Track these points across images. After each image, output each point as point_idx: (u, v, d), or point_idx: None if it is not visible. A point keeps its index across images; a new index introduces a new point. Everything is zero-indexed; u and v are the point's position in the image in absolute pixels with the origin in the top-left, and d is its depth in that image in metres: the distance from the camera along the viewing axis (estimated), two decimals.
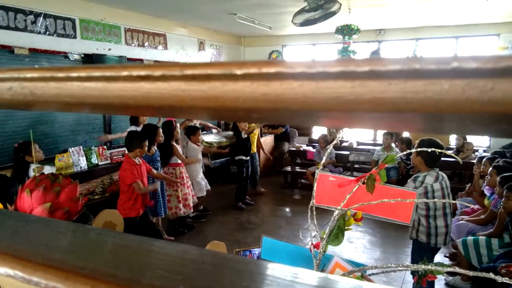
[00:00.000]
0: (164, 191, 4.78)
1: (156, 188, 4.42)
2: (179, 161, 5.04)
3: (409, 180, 3.35)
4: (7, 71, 0.32)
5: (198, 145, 5.56)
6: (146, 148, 4.14)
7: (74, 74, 0.28)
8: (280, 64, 0.22)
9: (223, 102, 0.24)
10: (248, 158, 6.36)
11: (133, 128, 5.13)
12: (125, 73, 0.26)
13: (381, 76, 0.20)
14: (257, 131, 6.81)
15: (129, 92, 0.27)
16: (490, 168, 4.16)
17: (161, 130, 4.66)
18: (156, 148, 4.65)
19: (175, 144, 4.97)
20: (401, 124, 0.26)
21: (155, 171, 4.38)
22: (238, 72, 0.23)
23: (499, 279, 0.78)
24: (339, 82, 0.21)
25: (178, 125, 5.20)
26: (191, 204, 5.13)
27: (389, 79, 0.20)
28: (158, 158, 4.68)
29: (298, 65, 0.21)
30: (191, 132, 5.49)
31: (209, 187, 5.82)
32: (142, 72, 0.26)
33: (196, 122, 6.21)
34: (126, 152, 4.14)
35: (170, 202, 4.94)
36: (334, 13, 5.17)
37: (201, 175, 5.64)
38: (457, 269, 0.93)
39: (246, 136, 6.21)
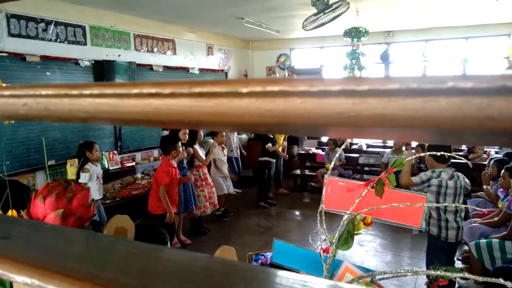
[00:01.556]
0: (194, 190, 5.01)
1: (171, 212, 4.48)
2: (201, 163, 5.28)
3: (425, 172, 3.36)
4: (23, 88, 0.33)
5: (222, 147, 5.75)
6: (180, 149, 4.42)
7: (87, 92, 0.29)
8: (283, 82, 0.23)
9: (229, 117, 0.25)
10: (274, 160, 6.58)
11: (165, 132, 5.35)
12: (135, 90, 0.27)
13: (381, 94, 0.20)
14: None
15: (140, 108, 0.28)
16: (503, 171, 4.12)
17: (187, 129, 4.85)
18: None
19: (196, 146, 5.15)
20: (403, 137, 0.26)
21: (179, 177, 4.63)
22: (244, 90, 0.23)
23: (509, 284, 0.77)
24: (340, 99, 0.21)
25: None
26: (216, 202, 5.38)
27: (389, 96, 0.20)
28: (185, 164, 4.88)
29: (301, 84, 0.22)
30: (214, 133, 5.69)
31: (231, 190, 6.07)
32: (152, 90, 0.27)
33: None
34: (164, 155, 4.48)
35: (199, 202, 5.14)
36: (342, 13, 5.18)
37: (222, 175, 5.81)
38: (467, 275, 0.92)
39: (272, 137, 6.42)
